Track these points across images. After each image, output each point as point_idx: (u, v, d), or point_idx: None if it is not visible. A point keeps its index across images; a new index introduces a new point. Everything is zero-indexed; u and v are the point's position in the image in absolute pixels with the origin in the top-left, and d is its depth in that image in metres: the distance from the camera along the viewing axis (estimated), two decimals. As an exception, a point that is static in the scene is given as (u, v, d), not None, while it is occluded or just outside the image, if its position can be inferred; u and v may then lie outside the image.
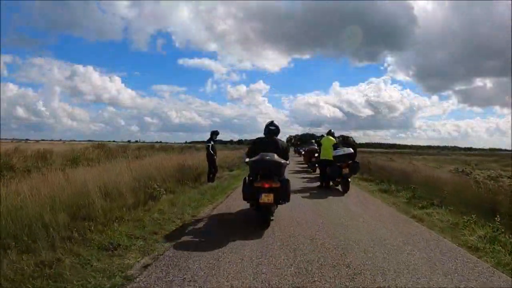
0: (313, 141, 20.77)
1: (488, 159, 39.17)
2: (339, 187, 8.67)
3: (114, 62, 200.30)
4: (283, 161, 4.88)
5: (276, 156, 4.79)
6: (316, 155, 12.86)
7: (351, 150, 8.17)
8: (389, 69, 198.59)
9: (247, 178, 5.03)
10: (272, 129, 5.18)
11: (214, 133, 9.32)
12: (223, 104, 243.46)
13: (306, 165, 16.09)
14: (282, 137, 5.76)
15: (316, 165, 13.57)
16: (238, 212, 5.80)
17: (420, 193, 7.61)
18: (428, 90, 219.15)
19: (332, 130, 9.05)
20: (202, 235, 4.31)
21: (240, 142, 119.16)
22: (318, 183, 9.59)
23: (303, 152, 22.90)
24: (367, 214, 5.86)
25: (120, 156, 16.30)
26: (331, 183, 8.79)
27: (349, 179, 8.18)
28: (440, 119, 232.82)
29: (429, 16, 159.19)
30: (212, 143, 9.19)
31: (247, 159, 5.13)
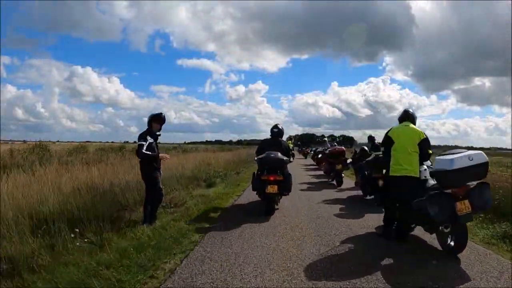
0: (326, 139, 16.06)
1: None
2: (424, 235, 3.98)
3: (113, 62, 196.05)
4: (285, 158, 5.51)
5: (279, 154, 5.43)
6: (350, 161, 8.20)
7: (485, 156, 3.25)
8: (387, 68, 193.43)
9: (255, 172, 5.70)
10: (275, 131, 5.92)
11: (154, 119, 4.47)
12: (222, 105, 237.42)
13: (323, 173, 11.54)
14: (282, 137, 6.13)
15: (337, 174, 8.84)
16: None
17: None
18: (427, 90, 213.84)
19: (411, 110, 4.09)
20: None
21: (239, 142, 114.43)
22: (362, 217, 4.98)
23: (314, 154, 17.86)
24: None
25: (56, 162, 11.31)
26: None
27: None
28: (440, 118, 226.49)
29: (427, 16, 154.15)
30: (149, 141, 4.33)
31: (256, 158, 5.74)
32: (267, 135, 6.19)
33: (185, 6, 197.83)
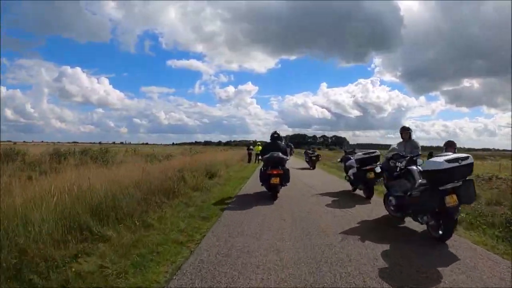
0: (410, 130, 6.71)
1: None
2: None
3: (103, 63, 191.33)
4: (284, 157, 7.21)
5: (280, 154, 7.14)
6: None
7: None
8: (376, 70, 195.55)
9: (262, 168, 7.46)
10: (275, 136, 7.62)
11: None
12: (212, 105, 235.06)
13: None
14: (274, 138, 7.78)
15: None
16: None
17: None
18: (416, 91, 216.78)
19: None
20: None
21: (228, 143, 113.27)
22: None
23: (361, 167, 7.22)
24: None
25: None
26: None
27: None
28: (429, 120, 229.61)
29: (416, 17, 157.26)
30: None
31: (260, 157, 8.49)
32: (256, 136, 7.09)
33: (174, 7, 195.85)
